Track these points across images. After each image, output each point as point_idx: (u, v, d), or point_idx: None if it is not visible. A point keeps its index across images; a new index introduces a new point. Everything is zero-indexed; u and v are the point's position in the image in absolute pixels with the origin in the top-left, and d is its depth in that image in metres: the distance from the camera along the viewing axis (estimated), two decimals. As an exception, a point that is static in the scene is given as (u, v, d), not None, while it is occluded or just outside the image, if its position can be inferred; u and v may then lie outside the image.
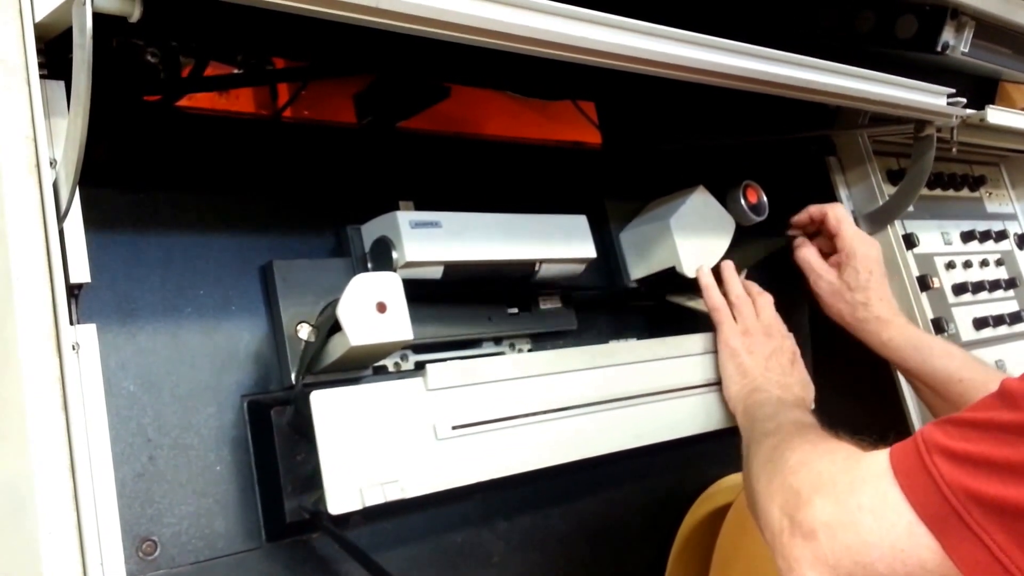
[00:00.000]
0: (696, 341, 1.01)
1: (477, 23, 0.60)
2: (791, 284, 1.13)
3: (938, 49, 1.02)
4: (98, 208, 0.70)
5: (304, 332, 0.77)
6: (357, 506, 0.70)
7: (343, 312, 0.71)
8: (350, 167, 0.92)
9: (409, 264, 0.81)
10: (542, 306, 0.98)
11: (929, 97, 1.04)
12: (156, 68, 0.84)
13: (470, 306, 0.91)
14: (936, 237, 1.30)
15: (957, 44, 1.03)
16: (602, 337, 1.04)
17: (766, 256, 1.13)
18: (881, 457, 0.62)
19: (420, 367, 0.83)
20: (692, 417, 0.97)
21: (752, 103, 0.90)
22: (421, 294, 0.81)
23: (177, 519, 0.71)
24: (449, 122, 1.28)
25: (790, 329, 1.05)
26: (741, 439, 0.90)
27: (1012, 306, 1.36)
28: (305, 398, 0.70)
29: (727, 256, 1.07)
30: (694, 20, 0.76)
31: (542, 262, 0.91)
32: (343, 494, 0.70)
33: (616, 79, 0.76)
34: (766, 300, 1.04)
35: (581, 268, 0.96)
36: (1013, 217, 1.49)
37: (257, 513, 0.74)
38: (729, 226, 1.09)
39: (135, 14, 0.50)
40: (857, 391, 1.15)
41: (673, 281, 1.05)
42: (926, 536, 0.56)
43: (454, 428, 0.77)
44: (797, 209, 1.11)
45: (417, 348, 0.86)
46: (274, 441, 0.74)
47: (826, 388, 1.00)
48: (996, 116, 1.14)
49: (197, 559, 0.71)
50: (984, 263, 1.35)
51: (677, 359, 0.97)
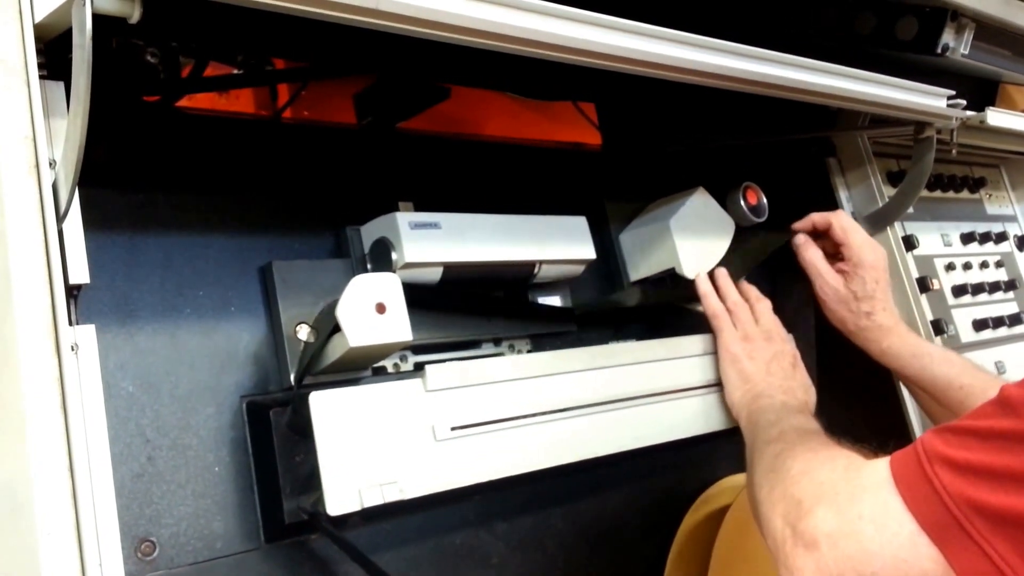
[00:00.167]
0: (695, 342, 1.01)
1: (476, 25, 0.60)
2: (797, 286, 1.13)
3: (938, 51, 1.02)
4: (97, 209, 0.70)
5: (303, 333, 0.77)
6: (356, 507, 0.70)
7: (342, 313, 0.71)
8: (350, 168, 0.92)
9: (408, 265, 0.81)
10: (541, 307, 0.98)
11: (929, 99, 1.04)
12: (156, 68, 0.84)
13: (469, 307, 0.91)
14: (936, 239, 1.30)
15: (957, 46, 1.03)
16: (601, 338, 1.03)
17: (768, 256, 1.12)
18: (881, 466, 0.62)
19: (419, 368, 0.83)
20: (691, 419, 0.97)
21: (752, 105, 0.90)
22: (420, 295, 0.81)
23: (176, 520, 0.71)
24: (449, 123, 1.28)
25: (795, 333, 1.04)
26: (741, 441, 0.90)
27: (1012, 308, 1.36)
28: (304, 399, 0.70)
29: (727, 257, 1.07)
30: (694, 22, 0.76)
31: (542, 263, 0.91)
32: (342, 495, 0.70)
33: (616, 80, 0.76)
34: (764, 305, 1.03)
35: (581, 269, 0.96)
36: (1013, 219, 1.49)
37: (256, 514, 0.74)
38: (729, 227, 1.09)
39: (135, 15, 0.50)
40: (859, 395, 1.15)
41: (673, 282, 1.05)
42: (928, 546, 0.56)
43: (453, 429, 0.77)
44: (797, 210, 1.11)
45: (416, 349, 0.86)
46: (273, 442, 0.74)
47: (829, 392, 1.00)
48: (996, 118, 1.13)
49: (196, 560, 0.71)
50: (984, 265, 1.35)
51: (676, 360, 0.97)
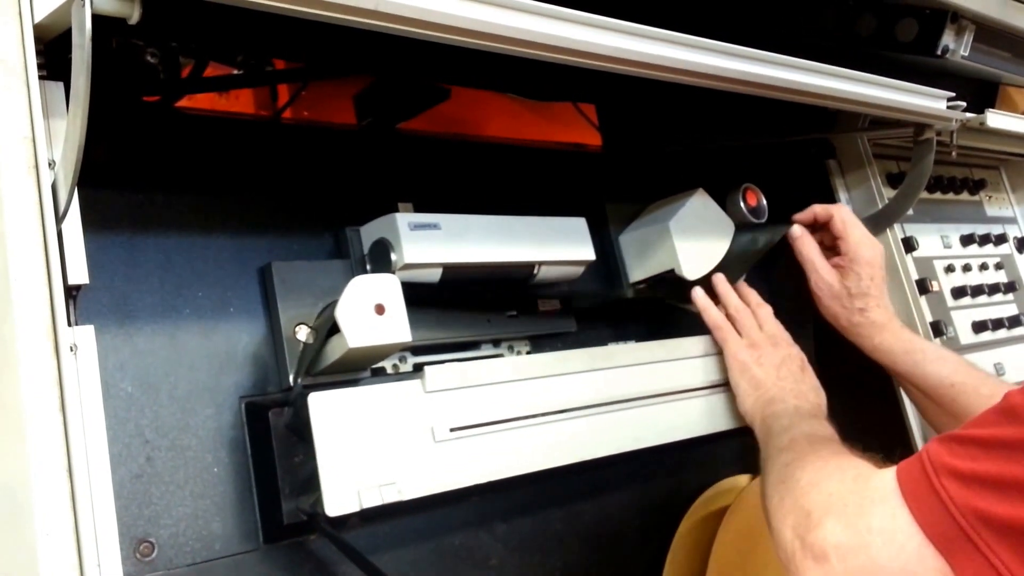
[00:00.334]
0: (695, 344, 1.00)
1: (475, 26, 0.60)
2: (795, 284, 1.12)
3: (938, 53, 1.02)
4: (97, 209, 0.71)
5: (302, 334, 0.77)
6: (354, 508, 0.70)
7: (341, 314, 0.71)
8: (349, 168, 0.92)
9: (408, 266, 0.81)
10: (541, 308, 0.98)
11: (929, 101, 1.04)
12: (156, 68, 0.84)
13: (469, 308, 0.91)
14: (935, 240, 1.30)
15: (957, 48, 1.04)
16: (601, 339, 1.03)
17: (767, 254, 1.12)
18: (888, 477, 0.62)
19: (418, 369, 0.83)
20: (691, 420, 0.96)
21: (752, 106, 0.90)
22: (420, 296, 0.81)
23: (174, 520, 0.70)
24: (449, 123, 1.28)
25: (794, 333, 1.04)
26: (740, 443, 0.90)
27: (1011, 310, 1.36)
28: (303, 400, 0.70)
29: (727, 258, 1.07)
30: (694, 23, 0.76)
31: (541, 264, 0.91)
32: (340, 496, 0.70)
33: (617, 81, 0.76)
34: (767, 311, 1.02)
35: (580, 270, 0.96)
36: (1013, 221, 1.49)
37: (255, 515, 0.74)
38: (728, 229, 1.09)
39: (134, 16, 0.50)
40: (859, 394, 1.15)
41: (672, 283, 1.05)
42: (935, 558, 0.57)
43: (452, 430, 0.77)
44: (797, 212, 1.10)
45: (416, 350, 0.86)
46: (272, 443, 0.74)
47: (828, 392, 0.99)
48: (996, 120, 1.13)
49: (194, 560, 0.71)
50: (983, 267, 1.35)
51: (676, 362, 0.97)
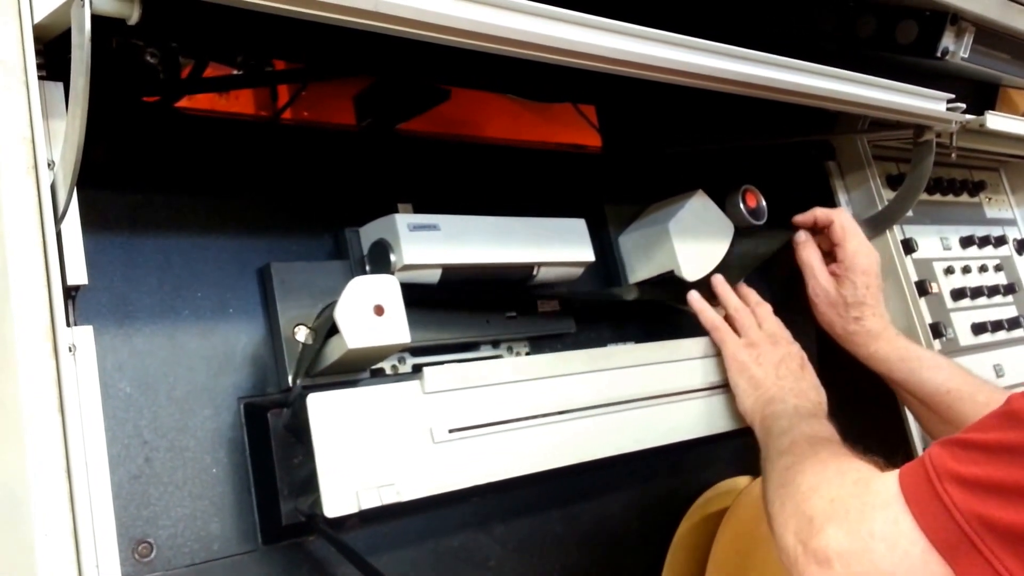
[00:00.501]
0: (694, 345, 1.00)
1: (474, 27, 0.60)
2: (795, 286, 1.12)
3: (938, 54, 1.02)
4: (96, 209, 0.71)
5: (301, 334, 0.77)
6: (353, 509, 0.70)
7: (340, 315, 0.71)
8: (349, 169, 0.92)
9: (407, 267, 0.81)
10: (540, 309, 0.98)
11: (928, 102, 1.04)
12: (155, 69, 0.84)
13: (468, 309, 0.91)
14: (935, 242, 1.30)
15: (957, 49, 1.04)
16: (600, 341, 1.03)
17: (769, 258, 1.12)
18: (891, 481, 0.62)
19: (417, 370, 0.82)
20: (690, 422, 0.96)
21: (752, 107, 0.90)
22: (419, 297, 0.81)
23: (173, 521, 0.70)
24: (449, 124, 1.28)
25: (795, 333, 1.04)
26: (739, 444, 0.90)
27: (1011, 311, 1.36)
28: (302, 400, 0.70)
29: (726, 260, 1.07)
30: (693, 25, 0.76)
31: (540, 265, 0.91)
32: (339, 497, 0.70)
33: (617, 82, 0.76)
34: (766, 309, 1.02)
35: (580, 272, 0.96)
36: (1012, 222, 1.49)
37: (253, 515, 0.74)
38: (728, 230, 1.09)
39: (134, 16, 0.50)
40: (859, 396, 1.15)
41: (672, 284, 1.05)
42: (939, 564, 0.57)
43: (451, 431, 0.77)
44: (796, 213, 1.11)
45: (415, 351, 0.86)
46: (271, 443, 0.74)
47: (829, 392, 0.99)
48: (995, 121, 1.13)
49: (193, 561, 0.71)
50: (983, 268, 1.35)
51: (675, 363, 0.97)
